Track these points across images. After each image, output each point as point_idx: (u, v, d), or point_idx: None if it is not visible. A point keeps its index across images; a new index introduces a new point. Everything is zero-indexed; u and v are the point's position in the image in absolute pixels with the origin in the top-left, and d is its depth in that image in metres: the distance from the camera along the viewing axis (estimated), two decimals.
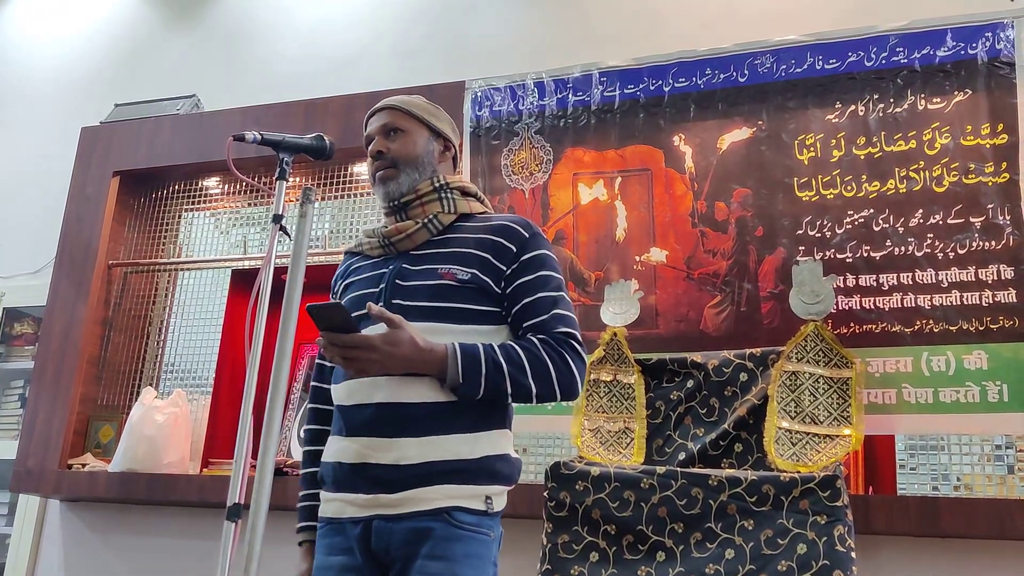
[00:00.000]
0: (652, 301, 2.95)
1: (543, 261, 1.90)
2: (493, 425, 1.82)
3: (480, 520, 1.76)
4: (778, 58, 2.98)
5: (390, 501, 1.73)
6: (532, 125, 3.26)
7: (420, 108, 2.01)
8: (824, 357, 2.61)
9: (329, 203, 3.80)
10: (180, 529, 3.55)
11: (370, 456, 1.75)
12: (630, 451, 2.71)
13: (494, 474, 1.79)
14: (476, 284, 1.83)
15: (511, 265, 1.87)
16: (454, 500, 1.73)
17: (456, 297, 1.83)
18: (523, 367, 1.77)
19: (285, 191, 1.87)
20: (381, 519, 1.74)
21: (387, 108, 2.00)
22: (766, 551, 2.32)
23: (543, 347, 1.80)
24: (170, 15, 4.61)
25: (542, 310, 1.84)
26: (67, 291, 3.80)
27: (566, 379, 1.81)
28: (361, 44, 4.12)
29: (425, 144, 1.98)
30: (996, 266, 2.62)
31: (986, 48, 2.75)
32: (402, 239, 1.92)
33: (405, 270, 1.88)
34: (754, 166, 2.94)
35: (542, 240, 1.93)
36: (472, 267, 1.84)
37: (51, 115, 4.61)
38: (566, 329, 1.84)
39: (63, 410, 3.65)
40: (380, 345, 1.69)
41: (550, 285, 1.88)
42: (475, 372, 1.73)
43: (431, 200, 1.93)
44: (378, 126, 1.99)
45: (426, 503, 1.72)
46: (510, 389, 1.76)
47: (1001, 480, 2.73)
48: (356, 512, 1.76)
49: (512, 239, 1.89)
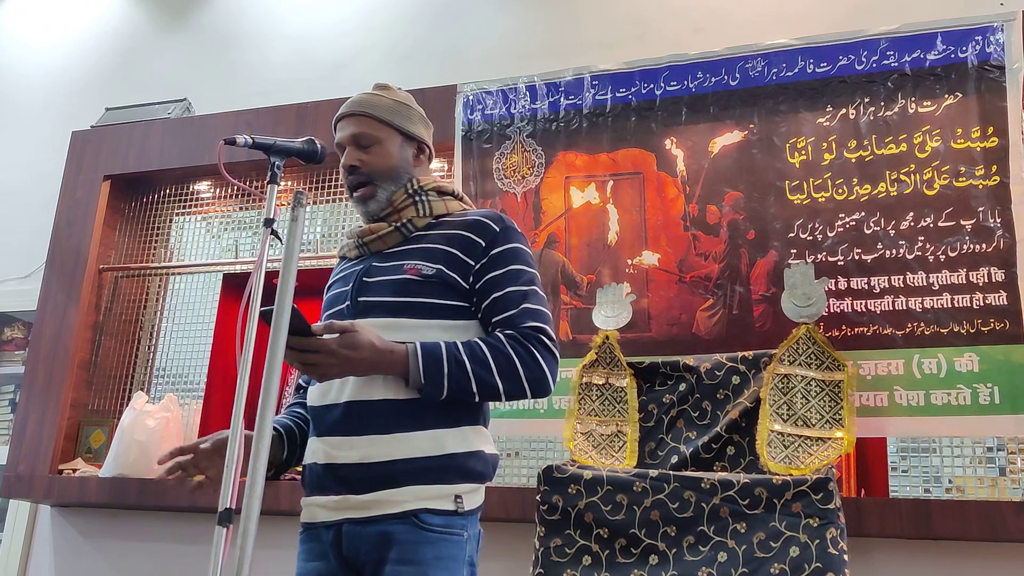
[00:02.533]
0: (644, 304, 2.95)
1: (514, 255, 1.87)
2: (463, 422, 1.80)
3: (450, 520, 1.73)
4: (769, 61, 2.99)
5: (358, 503, 1.72)
6: (524, 129, 3.26)
7: (391, 112, 1.97)
8: (816, 360, 2.61)
9: (321, 207, 3.80)
10: (172, 534, 3.53)
11: (337, 455, 1.75)
12: (623, 454, 2.71)
13: (464, 472, 1.77)
14: (440, 279, 1.81)
15: (480, 260, 1.84)
16: (422, 502, 1.72)
17: (420, 292, 1.81)
18: (488, 364, 1.74)
19: (276, 195, 1.86)
20: (351, 523, 1.73)
21: (358, 115, 1.96)
22: (759, 554, 2.32)
23: (510, 343, 1.77)
24: (161, 19, 4.60)
25: (511, 305, 1.82)
26: (58, 296, 3.79)
27: (535, 375, 1.77)
28: (353, 48, 4.12)
29: (399, 152, 1.95)
30: (987, 269, 2.62)
31: (976, 52, 2.76)
32: (374, 240, 1.92)
33: (373, 268, 1.88)
34: (745, 169, 2.95)
35: (513, 233, 1.90)
36: (438, 262, 1.83)
37: (42, 119, 4.59)
38: (535, 323, 1.81)
39: (54, 415, 3.64)
40: (337, 349, 1.68)
41: (520, 279, 1.85)
42: (437, 372, 1.71)
43: (406, 206, 1.93)
44: (348, 135, 1.95)
45: (393, 505, 1.71)
46: (475, 388, 1.73)
47: (993, 482, 2.74)
48: (328, 516, 1.77)
49: (482, 234, 1.86)
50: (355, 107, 1.97)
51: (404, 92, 2.07)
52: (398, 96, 2.02)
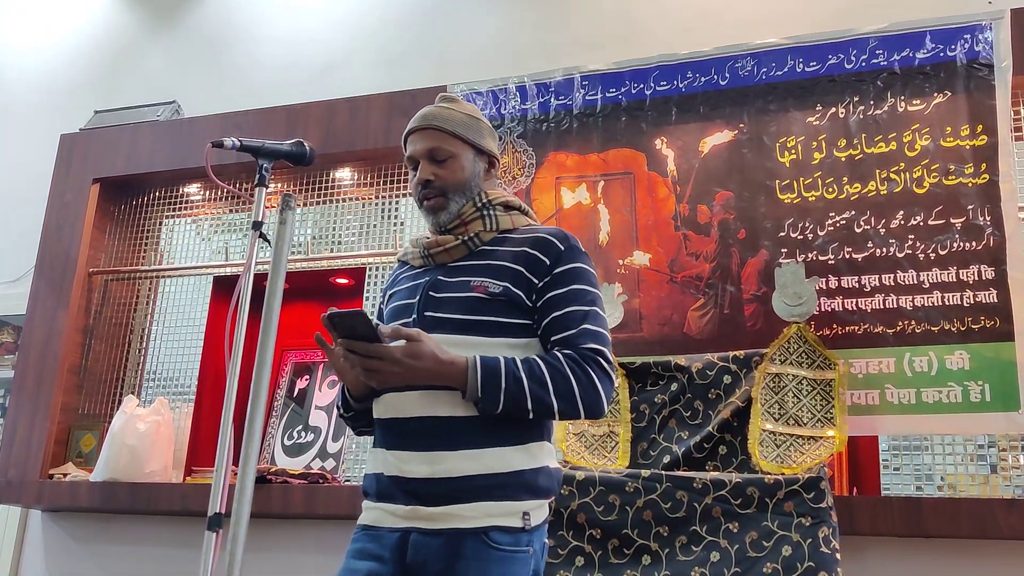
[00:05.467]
0: (635, 304, 2.95)
1: (577, 275, 1.87)
2: (530, 438, 1.79)
3: (517, 538, 1.74)
4: (758, 61, 2.99)
5: (428, 514, 1.72)
6: (514, 129, 3.26)
7: (465, 127, 1.95)
8: (807, 359, 2.61)
9: (311, 209, 3.79)
10: (163, 538, 3.52)
11: (406, 469, 1.75)
12: (615, 455, 2.70)
13: (532, 488, 1.77)
14: (507, 297, 1.81)
15: (543, 278, 1.84)
16: (491, 519, 1.72)
17: (487, 310, 1.81)
18: (545, 383, 1.74)
19: (265, 197, 1.85)
20: (419, 532, 1.73)
21: (432, 128, 1.93)
22: (751, 553, 2.32)
23: (567, 363, 1.76)
24: (150, 22, 4.59)
25: (571, 324, 1.81)
26: (47, 299, 3.77)
27: (590, 397, 1.77)
28: (343, 49, 4.11)
29: (472, 167, 1.94)
30: (977, 266, 2.63)
31: (965, 50, 2.76)
32: (440, 252, 1.90)
33: (440, 282, 1.86)
34: (736, 169, 2.95)
35: (578, 253, 1.90)
36: (504, 280, 1.82)
37: (30, 122, 4.57)
38: (594, 345, 1.80)
39: (44, 420, 3.62)
40: (401, 357, 1.68)
41: (582, 299, 1.84)
42: (494, 386, 1.71)
43: (474, 219, 1.92)
44: (423, 149, 1.92)
45: (463, 520, 1.71)
46: (531, 405, 1.73)
47: (984, 480, 2.74)
48: (396, 522, 1.76)
49: (547, 252, 1.86)
50: (428, 121, 1.94)
51: (470, 104, 2.06)
52: (468, 110, 2.00)
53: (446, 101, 1.99)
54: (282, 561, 3.08)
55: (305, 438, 3.43)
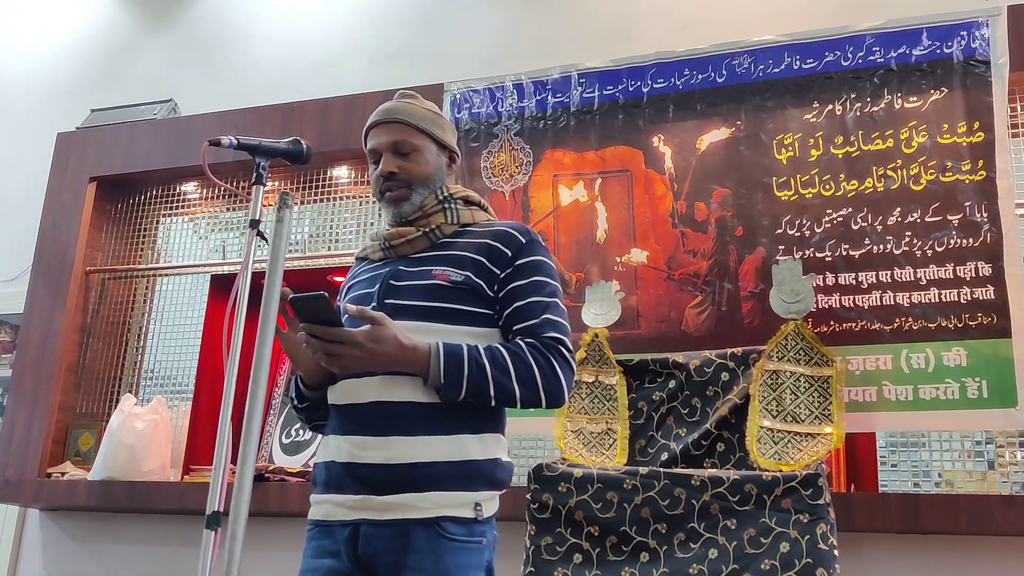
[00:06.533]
0: (633, 302, 2.96)
1: (538, 266, 1.89)
2: (485, 429, 1.81)
3: (470, 529, 1.74)
4: (755, 58, 2.99)
5: (379, 504, 1.72)
6: (512, 127, 3.26)
7: (428, 121, 1.97)
8: (805, 356, 2.61)
9: (308, 207, 3.79)
10: (161, 537, 3.52)
11: (360, 455, 1.75)
12: (613, 452, 2.71)
13: (485, 479, 1.78)
14: (469, 286, 1.83)
15: (506, 269, 1.86)
16: (443, 509, 1.72)
17: (448, 298, 1.82)
18: (507, 370, 1.75)
19: (263, 195, 1.85)
20: (369, 524, 1.73)
21: (396, 122, 1.95)
22: (749, 550, 2.32)
23: (530, 351, 1.79)
24: (147, 20, 4.58)
25: (533, 314, 1.83)
26: (44, 298, 3.77)
27: (552, 385, 1.79)
28: (340, 48, 4.11)
29: (435, 160, 1.96)
30: (974, 263, 2.63)
31: (961, 47, 2.77)
32: (402, 243, 1.92)
33: (401, 271, 1.88)
34: (733, 166, 2.95)
35: (539, 247, 1.92)
36: (466, 269, 1.84)
37: (27, 121, 4.57)
38: (556, 335, 1.82)
39: (42, 418, 3.62)
40: (363, 341, 1.69)
41: (543, 291, 1.86)
42: (457, 372, 1.72)
43: (435, 212, 1.94)
44: (387, 142, 1.95)
45: (415, 511, 1.71)
46: (493, 392, 1.74)
47: (982, 476, 2.75)
48: (345, 515, 1.75)
49: (508, 244, 1.88)
50: (392, 114, 1.97)
51: (430, 101, 2.08)
52: (429, 105, 2.03)
53: (407, 97, 2.03)
54: (281, 559, 3.08)
55: (303, 436, 3.43)
